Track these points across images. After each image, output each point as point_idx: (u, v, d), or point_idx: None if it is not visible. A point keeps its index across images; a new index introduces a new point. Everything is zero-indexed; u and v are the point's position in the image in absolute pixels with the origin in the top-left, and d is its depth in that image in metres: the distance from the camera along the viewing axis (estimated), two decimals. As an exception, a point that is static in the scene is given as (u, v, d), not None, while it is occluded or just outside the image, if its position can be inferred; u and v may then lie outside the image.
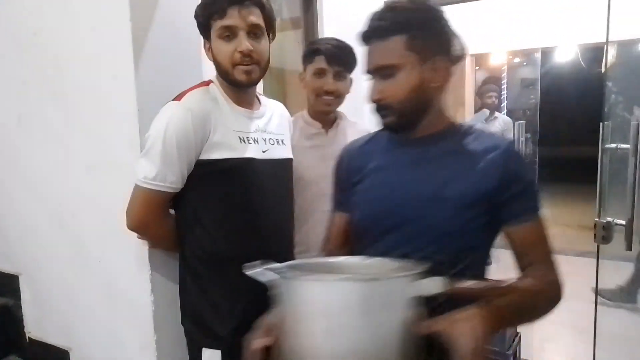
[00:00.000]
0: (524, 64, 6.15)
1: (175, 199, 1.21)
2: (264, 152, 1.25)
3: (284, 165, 1.34)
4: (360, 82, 1.18)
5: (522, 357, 2.45)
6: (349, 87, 1.58)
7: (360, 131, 1.55)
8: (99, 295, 1.47)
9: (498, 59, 5.51)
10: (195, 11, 1.19)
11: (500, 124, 4.04)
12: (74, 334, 1.58)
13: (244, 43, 1.14)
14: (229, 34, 1.15)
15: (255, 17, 1.16)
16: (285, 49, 2.56)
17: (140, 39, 1.26)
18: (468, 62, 5.13)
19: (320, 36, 2.49)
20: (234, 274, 1.17)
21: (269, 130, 1.30)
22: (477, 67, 5.47)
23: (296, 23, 2.53)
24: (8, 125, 1.60)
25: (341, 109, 1.63)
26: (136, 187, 1.16)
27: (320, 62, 1.50)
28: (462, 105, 4.67)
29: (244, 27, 1.14)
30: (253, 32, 1.16)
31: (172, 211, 1.26)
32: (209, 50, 1.20)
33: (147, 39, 1.29)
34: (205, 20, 1.17)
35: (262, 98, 1.37)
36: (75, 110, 1.42)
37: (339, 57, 1.49)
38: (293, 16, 2.53)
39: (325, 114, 1.58)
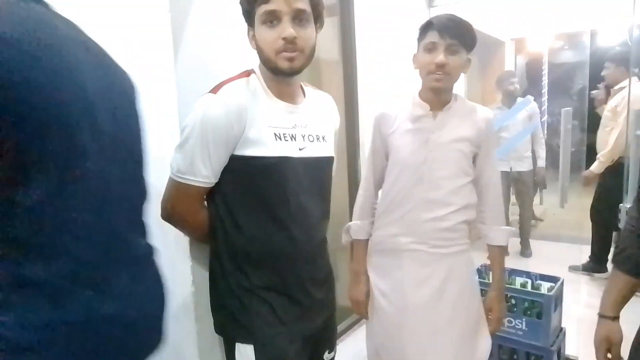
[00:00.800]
0: (565, 47, 5.90)
1: (210, 192, 1.19)
2: (300, 149, 1.20)
3: (322, 164, 1.28)
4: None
5: (566, 353, 2.36)
6: (464, 65, 1.44)
7: (481, 116, 1.50)
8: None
9: (538, 44, 5.29)
10: None
11: (527, 110, 3.85)
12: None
13: (288, 29, 1.09)
14: (273, 19, 1.10)
15: (301, 3, 1.11)
16: (321, 37, 2.52)
17: (179, 29, 1.25)
18: (510, 47, 4.94)
19: (357, 23, 2.45)
20: (262, 272, 1.19)
21: (310, 125, 1.24)
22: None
23: (332, 10, 2.48)
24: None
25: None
26: (170, 179, 1.16)
27: (431, 36, 1.40)
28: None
29: (288, 12, 1.09)
30: (298, 18, 1.11)
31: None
32: (253, 37, 1.16)
33: (186, 28, 1.27)
34: (249, 5, 1.13)
35: (309, 90, 1.31)
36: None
37: (452, 29, 1.38)
38: (329, 3, 2.48)
39: (435, 92, 1.46)
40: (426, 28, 1.43)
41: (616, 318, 1.25)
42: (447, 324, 1.47)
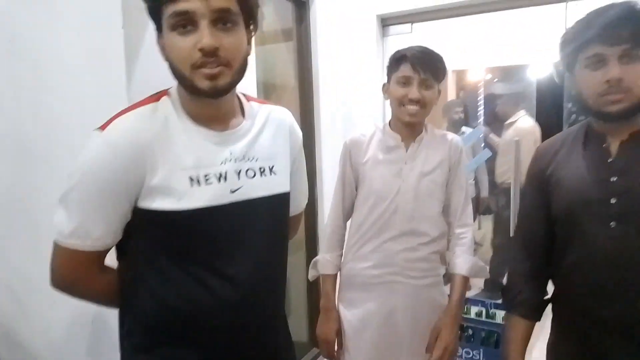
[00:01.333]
0: (497, 80, 6.30)
1: (117, 248, 0.93)
2: (233, 192, 0.91)
3: (267, 204, 0.97)
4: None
5: None
6: (436, 97, 1.46)
7: (450, 143, 1.49)
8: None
9: (476, 76, 5.60)
10: None
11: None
12: None
13: (206, 36, 0.81)
14: (186, 23, 0.82)
15: (224, 0, 0.83)
16: (277, 62, 2.46)
17: (134, 46, 1.13)
18: (451, 77, 5.17)
19: (313, 48, 2.41)
20: (185, 350, 0.91)
21: (250, 155, 0.95)
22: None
23: (288, 34, 2.43)
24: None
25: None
26: (54, 243, 0.88)
27: (405, 70, 1.39)
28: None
29: (206, 14, 0.81)
30: (221, 20, 0.84)
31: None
32: (163, 47, 0.87)
33: (142, 45, 1.15)
34: (153, 3, 0.85)
35: (251, 105, 1.01)
36: (55, 121, 1.26)
37: (426, 63, 1.38)
38: (285, 27, 2.43)
39: (408, 126, 1.45)
40: (399, 60, 1.41)
41: None
42: (422, 356, 1.44)
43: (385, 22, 2.77)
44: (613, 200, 1.02)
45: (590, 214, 1.05)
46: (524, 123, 3.63)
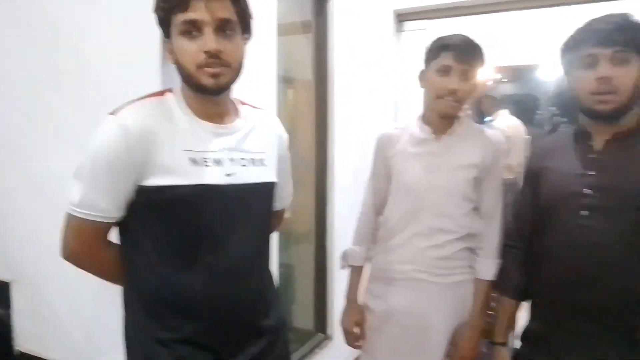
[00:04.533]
0: (505, 80, 6.32)
1: (120, 227, 1.04)
2: (228, 175, 1.04)
3: (257, 191, 1.10)
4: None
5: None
6: (474, 90, 1.40)
7: (488, 140, 1.44)
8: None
9: (484, 74, 5.63)
10: (155, 3, 1.00)
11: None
12: (73, 347, 1.47)
13: (211, 41, 0.96)
14: (193, 30, 0.96)
15: (225, 11, 0.97)
16: (295, 54, 2.50)
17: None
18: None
19: (330, 42, 2.44)
20: (180, 322, 1.01)
21: (243, 148, 1.08)
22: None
23: (307, 27, 2.47)
24: (12, 124, 1.47)
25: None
26: (66, 213, 1.00)
27: (446, 59, 1.33)
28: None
29: (211, 22, 0.96)
30: (223, 28, 0.98)
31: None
32: (171, 51, 1.01)
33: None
34: (164, 13, 0.98)
35: (244, 108, 1.15)
36: (95, 109, 1.31)
37: (469, 54, 1.34)
38: (304, 19, 2.46)
39: (446, 117, 1.40)
40: (440, 48, 1.35)
41: (504, 343, 1.35)
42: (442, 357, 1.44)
43: (401, 17, 2.80)
44: (587, 191, 1.12)
45: (565, 203, 1.16)
46: (505, 122, 3.74)
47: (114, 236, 1.05)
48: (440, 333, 1.43)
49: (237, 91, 1.09)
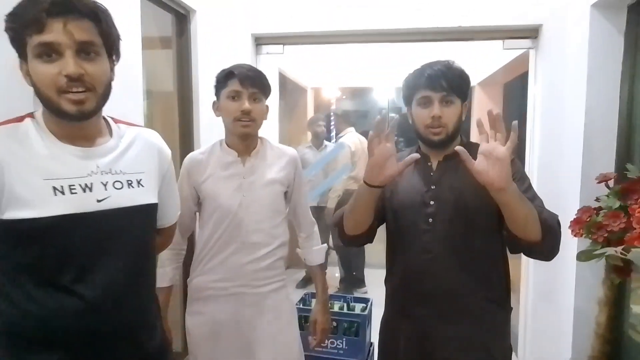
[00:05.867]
0: (345, 98, 7.03)
1: None
2: (100, 201, 0.99)
3: (134, 213, 1.05)
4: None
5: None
6: (265, 112, 1.55)
7: (285, 154, 1.61)
8: None
9: (329, 93, 6.15)
10: (5, 21, 0.92)
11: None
12: None
13: (70, 65, 0.90)
14: (52, 53, 0.90)
15: (86, 33, 0.92)
16: (155, 69, 2.45)
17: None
18: (310, 94, 5.57)
19: (194, 59, 2.47)
20: (45, 355, 0.96)
21: (117, 169, 1.04)
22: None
23: (167, 42, 2.45)
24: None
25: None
26: None
27: (234, 85, 1.48)
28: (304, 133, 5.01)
29: (70, 45, 0.90)
30: (84, 51, 0.93)
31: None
32: (27, 73, 0.94)
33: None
34: (15, 34, 0.91)
35: (119, 127, 1.11)
36: None
37: (253, 79, 1.49)
38: (164, 35, 2.44)
39: (244, 139, 1.53)
40: (227, 77, 1.50)
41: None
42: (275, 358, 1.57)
43: (259, 41, 2.95)
44: (432, 202, 1.39)
45: (416, 212, 1.40)
46: (352, 138, 4.26)
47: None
48: (268, 337, 1.56)
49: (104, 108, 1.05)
